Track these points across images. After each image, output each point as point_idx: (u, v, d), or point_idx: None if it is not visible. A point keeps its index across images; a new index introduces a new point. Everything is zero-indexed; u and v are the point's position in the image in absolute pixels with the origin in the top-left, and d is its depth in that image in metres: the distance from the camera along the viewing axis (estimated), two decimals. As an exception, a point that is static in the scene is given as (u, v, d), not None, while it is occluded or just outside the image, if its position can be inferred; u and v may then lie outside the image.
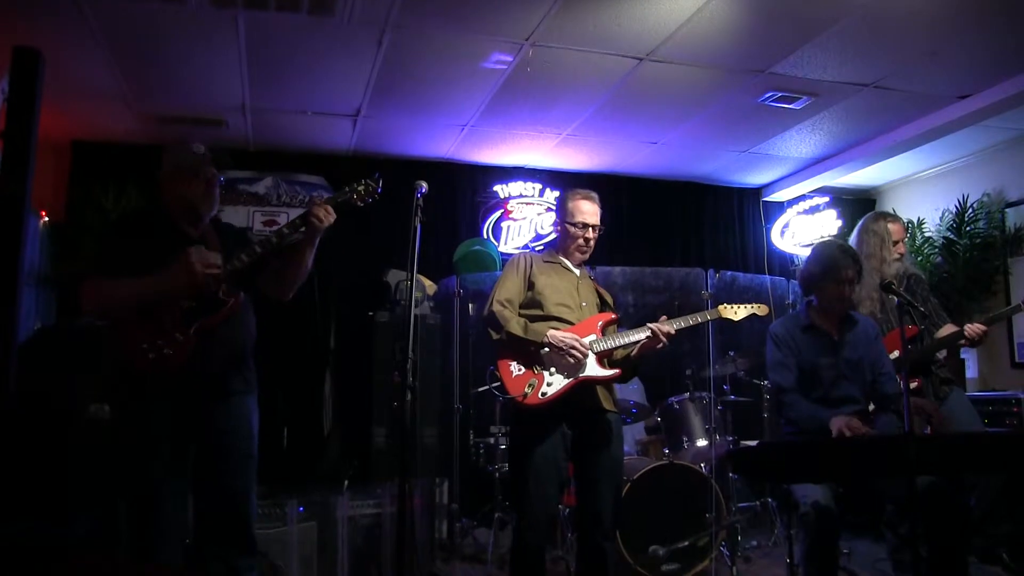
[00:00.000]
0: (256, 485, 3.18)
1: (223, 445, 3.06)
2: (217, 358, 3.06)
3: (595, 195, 3.69)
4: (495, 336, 3.46)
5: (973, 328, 4.16)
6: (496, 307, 3.46)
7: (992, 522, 4.70)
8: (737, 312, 3.68)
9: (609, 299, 3.73)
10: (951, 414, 4.27)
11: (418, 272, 3.09)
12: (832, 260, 3.78)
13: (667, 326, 3.41)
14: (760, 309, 3.72)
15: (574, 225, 3.61)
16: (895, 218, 4.57)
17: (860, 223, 4.66)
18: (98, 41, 4.79)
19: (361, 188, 3.27)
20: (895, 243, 4.42)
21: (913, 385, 4.20)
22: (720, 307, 3.69)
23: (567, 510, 4.85)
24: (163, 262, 2.98)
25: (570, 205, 3.65)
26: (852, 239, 4.62)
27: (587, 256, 3.70)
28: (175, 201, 3.15)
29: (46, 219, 6.02)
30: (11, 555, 1.66)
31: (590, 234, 3.62)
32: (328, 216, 3.17)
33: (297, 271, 3.27)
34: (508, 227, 7.34)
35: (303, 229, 3.16)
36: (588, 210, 3.62)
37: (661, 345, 3.42)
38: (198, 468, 3.05)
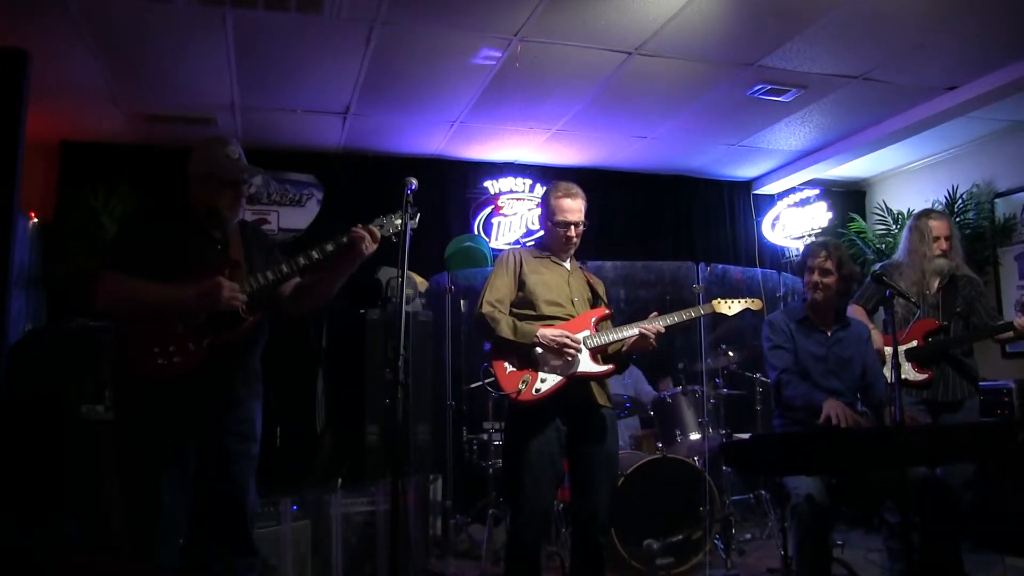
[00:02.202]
0: (256, 487, 3.16)
1: (227, 448, 3.03)
2: (225, 371, 3.03)
3: (577, 190, 3.64)
4: (486, 339, 3.46)
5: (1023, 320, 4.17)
6: (486, 308, 3.44)
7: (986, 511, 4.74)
8: (731, 307, 3.69)
9: (602, 291, 3.71)
10: None
11: (409, 269, 3.06)
12: (807, 250, 3.98)
13: (657, 325, 3.42)
14: (754, 304, 3.74)
15: (556, 224, 3.59)
16: (938, 215, 4.60)
17: (908, 221, 4.75)
18: (85, 40, 4.77)
19: (399, 222, 3.10)
20: (935, 239, 4.43)
21: (923, 377, 4.25)
22: (714, 302, 3.69)
23: (561, 505, 4.86)
24: (185, 262, 2.95)
25: (552, 203, 3.61)
26: (902, 237, 4.72)
27: (573, 251, 3.68)
28: (202, 203, 3.09)
29: (35, 220, 5.99)
30: (2, 555, 1.65)
31: (572, 232, 3.59)
32: (374, 243, 3.07)
33: (323, 293, 3.23)
34: (499, 223, 7.33)
35: (334, 250, 3.07)
36: (569, 207, 3.58)
37: (649, 344, 3.44)
38: (201, 469, 3.02)
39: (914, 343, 4.33)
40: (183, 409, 2.94)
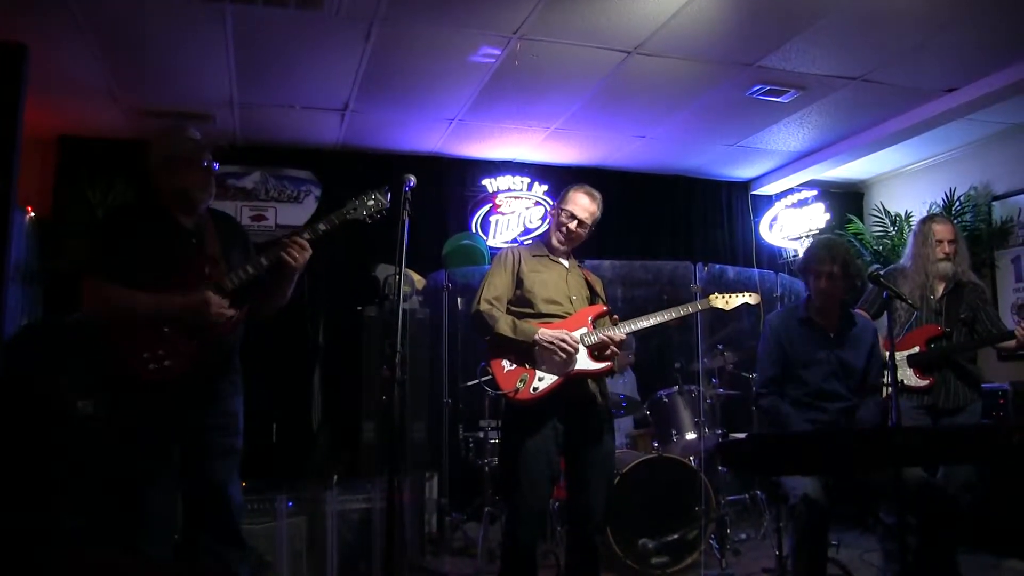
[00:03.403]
0: (240, 479, 3.18)
1: (211, 443, 3.07)
2: (211, 366, 3.07)
3: (599, 195, 3.69)
4: (484, 337, 3.46)
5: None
6: (484, 306, 3.45)
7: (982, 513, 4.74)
8: (729, 301, 3.67)
9: (600, 289, 3.71)
10: None
11: (407, 267, 3.06)
12: (811, 254, 3.86)
13: (614, 332, 3.43)
14: (753, 297, 3.71)
15: (562, 211, 3.61)
16: (942, 220, 4.62)
17: (913, 227, 4.76)
18: (84, 35, 4.75)
19: (371, 203, 3.18)
20: (938, 243, 4.43)
21: (924, 383, 4.23)
22: (710, 297, 3.67)
23: (557, 504, 4.86)
24: (162, 259, 2.97)
25: (569, 194, 3.65)
26: (900, 240, 4.71)
27: (567, 247, 3.68)
28: (170, 191, 3.09)
29: (32, 215, 5.98)
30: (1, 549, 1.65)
31: (572, 225, 3.59)
32: (303, 253, 3.11)
33: (277, 298, 3.27)
34: (497, 221, 7.33)
35: (269, 264, 3.10)
36: (581, 203, 3.61)
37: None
38: (186, 464, 3.04)
39: (916, 349, 4.31)
40: (172, 409, 2.96)
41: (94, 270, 2.98)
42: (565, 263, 3.66)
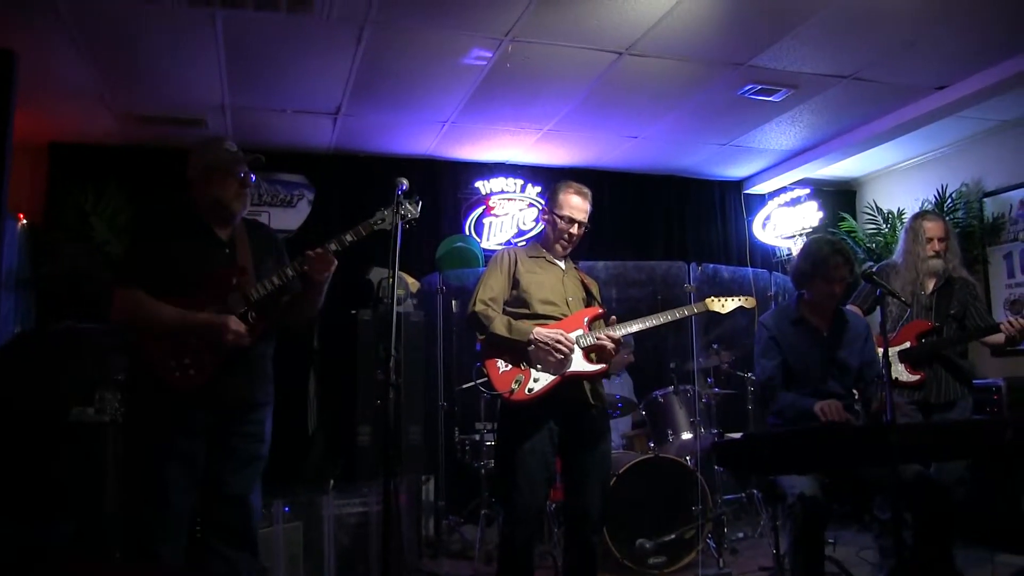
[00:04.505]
0: (261, 487, 3.21)
1: (237, 449, 3.09)
2: (240, 376, 3.08)
3: (588, 191, 3.66)
4: (479, 336, 3.46)
5: (1014, 322, 4.13)
6: (479, 307, 3.45)
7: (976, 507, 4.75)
8: (725, 305, 3.67)
9: (596, 291, 3.72)
10: None
11: (401, 270, 3.06)
12: (822, 257, 3.74)
13: (613, 332, 3.42)
14: (748, 301, 3.71)
15: (560, 218, 3.60)
16: (933, 216, 4.62)
17: (905, 223, 4.75)
18: (74, 41, 4.74)
19: (401, 212, 3.13)
20: (929, 240, 4.44)
21: (916, 378, 4.23)
22: (707, 300, 3.67)
23: (554, 505, 4.86)
24: (194, 269, 3.02)
25: (560, 196, 3.62)
26: (893, 237, 4.71)
27: (568, 251, 3.69)
28: (207, 201, 3.14)
29: (24, 222, 5.96)
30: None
31: (574, 230, 3.60)
32: (326, 264, 3.13)
33: (305, 309, 3.29)
34: (490, 223, 7.33)
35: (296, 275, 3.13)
36: (576, 205, 3.60)
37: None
38: (210, 469, 3.05)
39: (907, 344, 4.33)
40: (200, 415, 2.99)
41: (126, 280, 3.03)
42: (561, 265, 3.66)
